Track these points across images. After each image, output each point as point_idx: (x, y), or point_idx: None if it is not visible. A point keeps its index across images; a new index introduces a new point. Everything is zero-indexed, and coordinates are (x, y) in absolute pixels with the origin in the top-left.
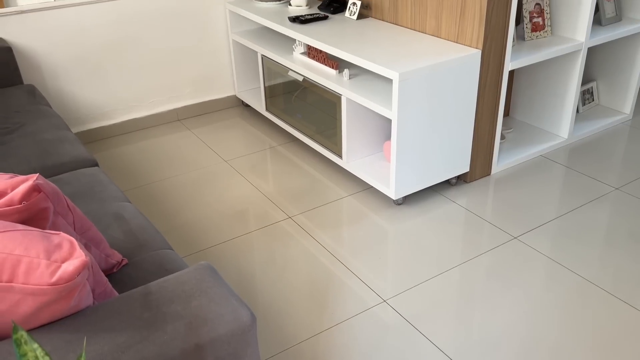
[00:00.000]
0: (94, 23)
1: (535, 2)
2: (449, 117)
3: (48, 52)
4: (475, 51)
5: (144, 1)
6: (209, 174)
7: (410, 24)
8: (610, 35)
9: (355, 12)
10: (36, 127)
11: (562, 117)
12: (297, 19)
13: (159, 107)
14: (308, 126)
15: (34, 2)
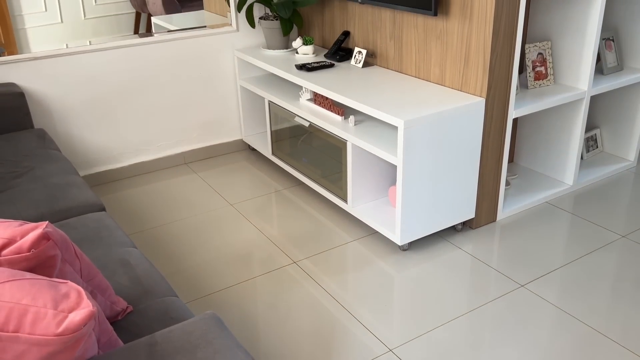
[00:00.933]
0: (105, 69)
1: (537, 52)
2: (454, 164)
3: (59, 97)
4: (479, 99)
5: (154, 48)
6: (214, 218)
7: (415, 72)
8: (612, 84)
9: (361, 61)
10: (45, 171)
11: (566, 164)
12: (304, 66)
13: (167, 151)
14: (314, 170)
15: (47, 49)
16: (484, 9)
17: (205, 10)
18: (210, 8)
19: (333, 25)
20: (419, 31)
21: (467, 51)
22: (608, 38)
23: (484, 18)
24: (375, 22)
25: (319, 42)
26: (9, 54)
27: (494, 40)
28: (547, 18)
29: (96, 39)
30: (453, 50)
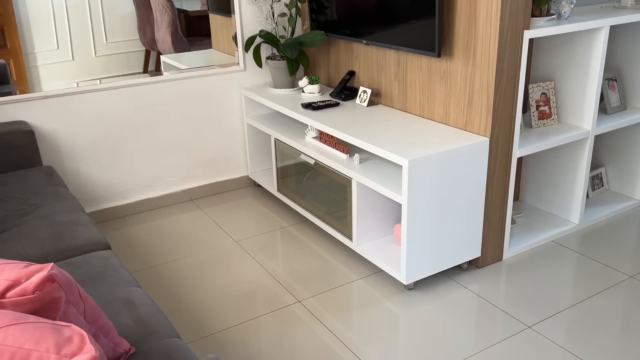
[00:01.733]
0: (114, 107)
1: (541, 92)
2: (458, 203)
3: (68, 135)
4: (484, 139)
5: (163, 87)
6: (219, 255)
7: (419, 112)
8: (616, 124)
9: (366, 100)
10: (52, 208)
11: (572, 202)
12: (310, 105)
13: (173, 187)
14: (319, 207)
15: (58, 88)
16: (487, 51)
17: (213, 49)
18: (218, 47)
19: (338, 65)
20: (423, 72)
21: (471, 91)
22: (611, 78)
23: (486, 60)
24: (380, 62)
25: (325, 81)
26: (21, 92)
27: (497, 81)
28: (550, 59)
29: (106, 76)
30: (457, 90)
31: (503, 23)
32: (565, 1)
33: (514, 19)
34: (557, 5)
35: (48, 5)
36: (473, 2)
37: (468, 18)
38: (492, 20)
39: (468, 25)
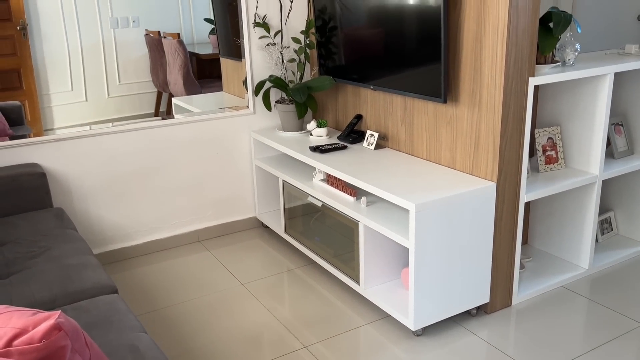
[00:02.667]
0: (125, 150)
1: (547, 136)
2: (466, 247)
3: (79, 177)
4: (491, 184)
5: (174, 129)
6: (225, 298)
7: (426, 155)
8: (624, 168)
9: (373, 143)
10: (61, 251)
11: (581, 247)
12: (318, 148)
13: (181, 229)
14: (326, 250)
15: (71, 131)
16: (493, 97)
17: (224, 91)
18: (229, 90)
19: (346, 109)
20: (430, 117)
21: (477, 136)
22: (617, 123)
23: (492, 106)
24: (386, 107)
25: (333, 125)
26: (35, 132)
27: (503, 127)
28: (556, 104)
29: (118, 117)
30: (463, 135)
31: (508, 70)
32: (570, 48)
33: (519, 66)
34: (562, 52)
35: (64, 48)
36: (478, 50)
37: (473, 65)
38: (497, 67)
39: (473, 72)
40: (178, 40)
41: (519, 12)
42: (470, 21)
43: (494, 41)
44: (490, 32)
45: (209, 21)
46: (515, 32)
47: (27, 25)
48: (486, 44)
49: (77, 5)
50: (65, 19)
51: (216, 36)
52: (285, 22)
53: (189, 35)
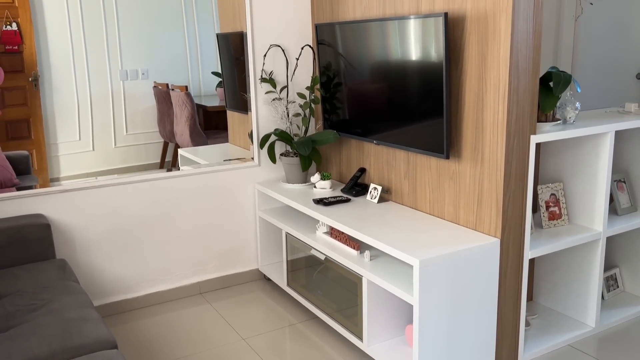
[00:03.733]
0: (130, 201)
1: (550, 192)
2: (471, 304)
3: (83, 228)
4: (494, 240)
5: (179, 181)
6: (225, 353)
7: (429, 210)
8: (628, 225)
9: (376, 196)
10: (62, 304)
11: (587, 304)
12: (322, 201)
13: (183, 281)
14: (329, 304)
15: (76, 182)
16: (495, 154)
17: (229, 143)
18: (234, 141)
19: (350, 162)
20: (433, 172)
21: (480, 192)
22: (620, 180)
23: (495, 163)
24: (390, 161)
25: (336, 177)
26: (41, 182)
27: (505, 183)
28: (558, 160)
29: (124, 166)
30: (466, 191)
31: (510, 128)
32: (570, 107)
33: (520, 124)
34: (562, 110)
35: (74, 98)
36: (480, 108)
37: (475, 122)
38: (499, 125)
39: (475, 129)
40: (186, 93)
41: (519, 73)
42: (472, 80)
43: (495, 100)
44: (492, 91)
45: (216, 74)
46: (516, 91)
47: (39, 77)
48: (487, 102)
49: (88, 58)
50: (76, 71)
51: (223, 89)
52: (291, 78)
53: (196, 87)
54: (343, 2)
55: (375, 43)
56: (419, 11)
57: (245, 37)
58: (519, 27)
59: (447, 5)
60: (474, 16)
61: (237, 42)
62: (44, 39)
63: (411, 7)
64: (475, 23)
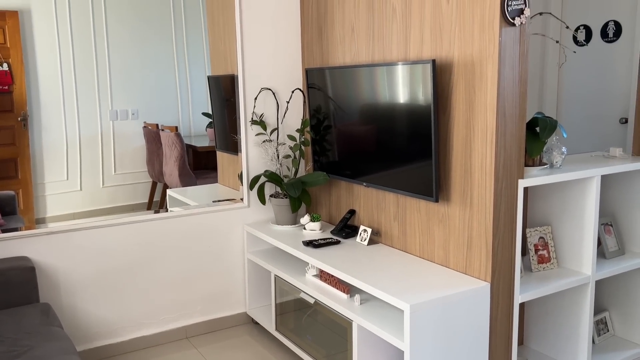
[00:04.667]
0: (117, 244)
1: (539, 236)
2: (462, 349)
3: (68, 270)
4: (485, 284)
5: (166, 223)
6: None
7: (419, 253)
8: (616, 269)
9: (366, 239)
10: (44, 351)
11: (577, 349)
12: (311, 243)
13: (169, 325)
14: (318, 349)
15: (62, 224)
16: (484, 198)
17: (219, 183)
18: (223, 182)
19: (339, 204)
20: (422, 214)
21: (470, 236)
22: (607, 223)
23: (483, 207)
24: (379, 203)
25: (326, 219)
26: (27, 222)
27: (495, 227)
28: (546, 204)
29: (111, 206)
30: (456, 234)
31: (498, 173)
32: (556, 151)
33: (508, 169)
34: (549, 155)
35: (62, 138)
36: (468, 152)
37: (464, 166)
38: (487, 170)
39: (464, 174)
40: (176, 134)
41: (506, 119)
42: (460, 125)
43: (483, 145)
44: (479, 136)
45: (206, 115)
46: (503, 136)
47: (28, 116)
48: (475, 147)
49: (78, 98)
50: (66, 111)
51: (213, 130)
52: (281, 120)
53: (186, 127)
54: (333, 48)
55: (365, 87)
56: (407, 57)
57: (236, 80)
58: (505, 75)
59: (435, 52)
60: (461, 63)
61: (227, 85)
62: (35, 79)
63: (399, 54)
64: (462, 70)
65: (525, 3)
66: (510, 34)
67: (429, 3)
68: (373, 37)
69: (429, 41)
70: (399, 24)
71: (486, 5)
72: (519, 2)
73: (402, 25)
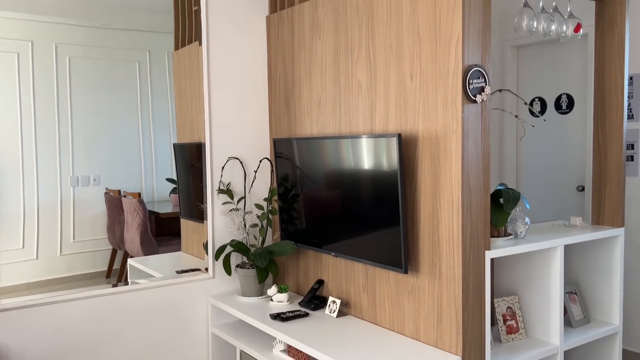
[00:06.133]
0: (74, 319)
1: (506, 306)
2: None
3: (21, 350)
4: (456, 358)
5: (127, 297)
6: None
7: (389, 325)
8: (583, 338)
9: (335, 310)
10: None
11: None
12: (279, 316)
13: None
14: None
15: (15, 300)
16: (452, 270)
17: (182, 251)
18: (187, 250)
19: (308, 274)
20: (391, 285)
21: (440, 308)
22: (571, 291)
23: (452, 278)
24: (348, 273)
25: (294, 289)
26: None
27: (464, 299)
28: (512, 274)
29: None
30: (425, 306)
31: (465, 245)
32: (520, 222)
33: (475, 240)
34: (513, 225)
35: (19, 205)
36: (435, 224)
37: (432, 238)
38: (455, 241)
39: (432, 245)
40: (138, 200)
41: (471, 192)
42: (426, 197)
43: (449, 217)
44: (446, 208)
45: (171, 181)
46: (469, 209)
47: None
48: (442, 219)
49: (38, 165)
50: (25, 178)
51: (178, 195)
52: (249, 189)
53: (149, 193)
54: (300, 119)
55: (332, 159)
56: (373, 131)
57: (203, 148)
58: (468, 149)
59: (400, 125)
60: (426, 137)
61: (193, 153)
62: None
63: (366, 127)
64: (427, 143)
65: (485, 81)
66: (472, 111)
67: (393, 79)
68: (340, 110)
69: (394, 115)
70: (364, 98)
71: (449, 83)
72: (480, 81)
73: (367, 100)
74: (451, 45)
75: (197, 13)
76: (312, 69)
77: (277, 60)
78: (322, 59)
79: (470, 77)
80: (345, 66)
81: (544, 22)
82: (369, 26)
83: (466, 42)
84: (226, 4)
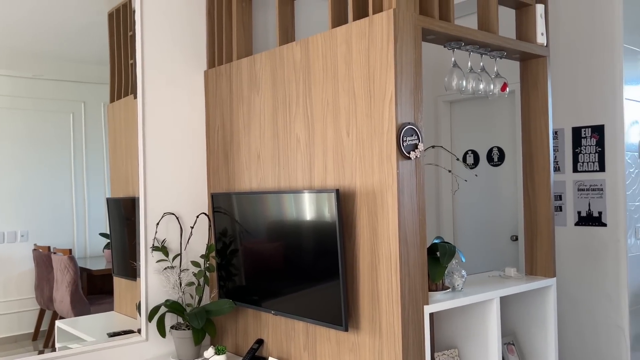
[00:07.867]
0: None
1: (447, 359)
2: None
3: None
4: None
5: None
6: None
7: None
8: None
9: None
10: None
11: None
12: None
13: None
14: None
15: None
16: (392, 326)
17: (115, 311)
18: (120, 309)
19: (247, 333)
20: (333, 344)
21: None
22: (509, 342)
23: (392, 334)
24: (289, 332)
25: (232, 349)
26: None
27: (404, 355)
28: (451, 326)
29: None
30: None
31: (404, 300)
32: (457, 274)
33: (414, 295)
34: (450, 278)
35: None
36: (374, 279)
37: (371, 294)
38: (394, 297)
39: (372, 300)
40: (69, 257)
41: (408, 246)
42: (365, 252)
43: (388, 271)
44: (384, 263)
45: (104, 236)
46: (407, 264)
47: None
48: (381, 274)
49: None
50: None
51: (111, 251)
52: (185, 246)
53: (81, 249)
54: (239, 173)
55: (271, 213)
56: (312, 185)
57: (137, 203)
58: (404, 204)
59: (338, 181)
60: (364, 192)
61: (128, 207)
62: None
63: (305, 181)
64: (365, 198)
65: (419, 139)
66: (407, 167)
67: (330, 135)
68: (279, 164)
69: (332, 170)
70: (303, 153)
71: (384, 140)
72: (413, 138)
73: (306, 155)
74: (385, 104)
75: (132, 66)
76: (251, 123)
77: (216, 114)
78: (260, 114)
79: (404, 135)
80: (283, 121)
81: (472, 81)
82: (306, 83)
83: (399, 101)
84: (163, 58)
